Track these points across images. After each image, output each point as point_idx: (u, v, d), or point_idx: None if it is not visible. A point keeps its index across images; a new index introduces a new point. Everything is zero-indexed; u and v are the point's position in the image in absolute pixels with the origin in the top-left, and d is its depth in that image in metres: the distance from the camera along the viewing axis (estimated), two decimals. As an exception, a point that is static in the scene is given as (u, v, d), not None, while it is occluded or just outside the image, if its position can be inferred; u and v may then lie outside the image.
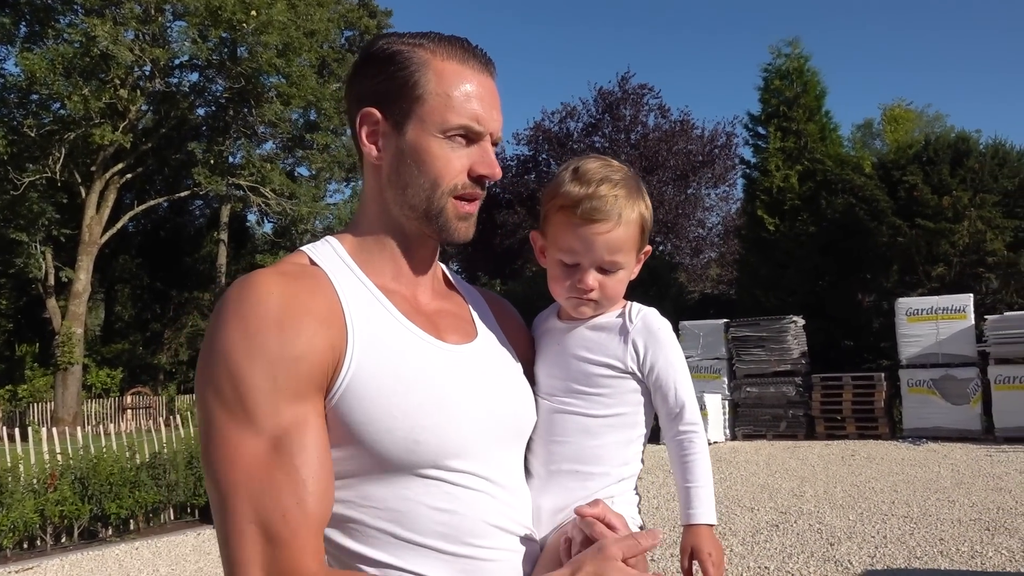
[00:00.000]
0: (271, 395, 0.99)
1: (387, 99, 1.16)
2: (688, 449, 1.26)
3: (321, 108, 27.00)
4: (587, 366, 1.28)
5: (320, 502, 0.99)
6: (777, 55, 17.09)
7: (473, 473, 1.12)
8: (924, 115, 35.76)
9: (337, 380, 1.05)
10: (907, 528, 6.43)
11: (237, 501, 0.96)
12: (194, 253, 35.83)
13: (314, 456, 1.00)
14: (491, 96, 1.18)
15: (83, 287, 24.89)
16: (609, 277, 1.27)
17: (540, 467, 1.25)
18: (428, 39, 1.17)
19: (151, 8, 23.46)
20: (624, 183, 1.28)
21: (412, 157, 1.15)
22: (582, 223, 1.24)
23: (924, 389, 12.21)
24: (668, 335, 1.30)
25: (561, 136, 24.55)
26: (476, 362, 1.19)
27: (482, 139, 1.17)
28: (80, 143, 23.92)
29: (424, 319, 1.18)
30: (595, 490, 1.23)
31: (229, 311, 1.03)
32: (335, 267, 1.15)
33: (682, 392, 1.27)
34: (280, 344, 1.01)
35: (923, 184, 14.90)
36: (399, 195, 1.17)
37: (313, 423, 1.02)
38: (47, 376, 26.81)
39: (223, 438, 0.99)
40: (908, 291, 14.36)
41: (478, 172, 1.16)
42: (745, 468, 10.07)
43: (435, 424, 1.08)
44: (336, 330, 1.07)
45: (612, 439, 1.26)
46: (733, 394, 13.76)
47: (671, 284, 18.77)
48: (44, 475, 7.77)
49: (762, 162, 16.95)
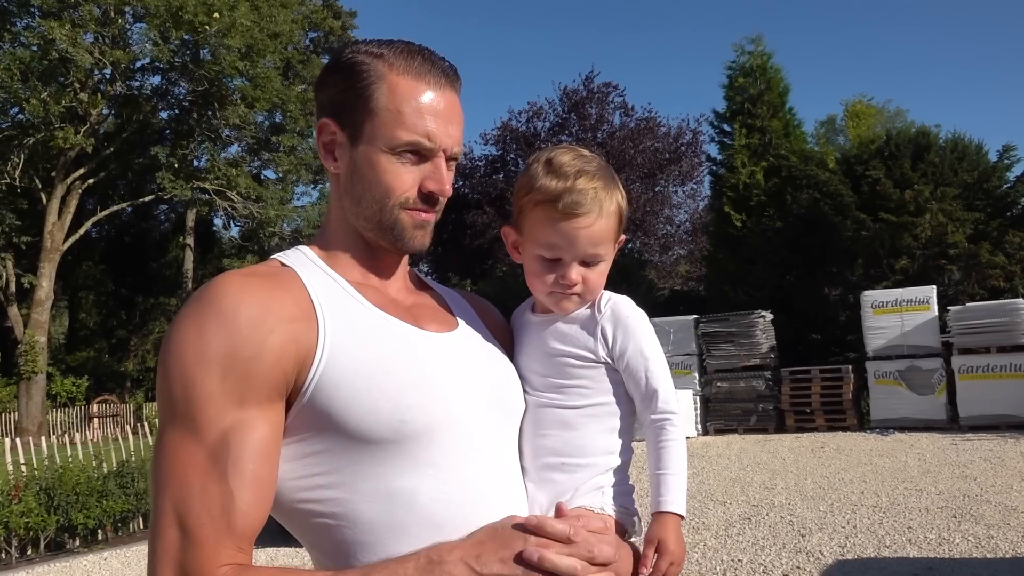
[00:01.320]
0: (218, 399, 0.99)
1: (343, 111, 1.16)
2: (661, 435, 1.25)
3: (286, 110, 26.74)
4: (562, 359, 1.28)
5: (250, 510, 0.98)
6: (741, 53, 17.31)
7: (464, 452, 1.11)
8: (885, 111, 36.33)
9: (309, 372, 1.04)
10: (876, 518, 6.52)
11: (165, 503, 0.97)
12: (160, 258, 35.33)
13: (251, 464, 0.99)
14: (448, 111, 1.16)
15: (46, 294, 24.42)
16: (591, 270, 1.27)
17: (529, 463, 1.25)
18: (391, 50, 1.16)
19: (110, 10, 23.07)
20: (600, 174, 1.27)
21: (364, 170, 1.15)
22: (563, 218, 1.23)
23: (890, 380, 12.41)
24: (638, 322, 1.29)
25: (529, 135, 24.57)
26: (458, 348, 1.19)
27: (434, 156, 1.15)
28: (40, 148, 23.45)
29: (401, 310, 1.18)
30: (583, 481, 1.22)
31: (186, 312, 1.04)
32: (306, 267, 1.16)
33: (653, 379, 1.26)
34: (232, 345, 1.00)
35: (885, 178, 15.17)
36: (354, 206, 1.18)
37: (259, 428, 1.01)
38: (10, 386, 26.24)
39: (165, 441, 1.00)
40: (873, 284, 14.59)
41: (427, 189, 1.15)
42: (717, 462, 10.15)
43: (420, 403, 1.07)
44: (303, 324, 1.06)
45: (593, 429, 1.25)
46: (704, 389, 13.87)
47: (641, 281, 18.90)
48: (8, 487, 7.61)
49: (728, 159, 17.13)
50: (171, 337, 1.03)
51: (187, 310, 1.04)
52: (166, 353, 1.02)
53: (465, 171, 24.53)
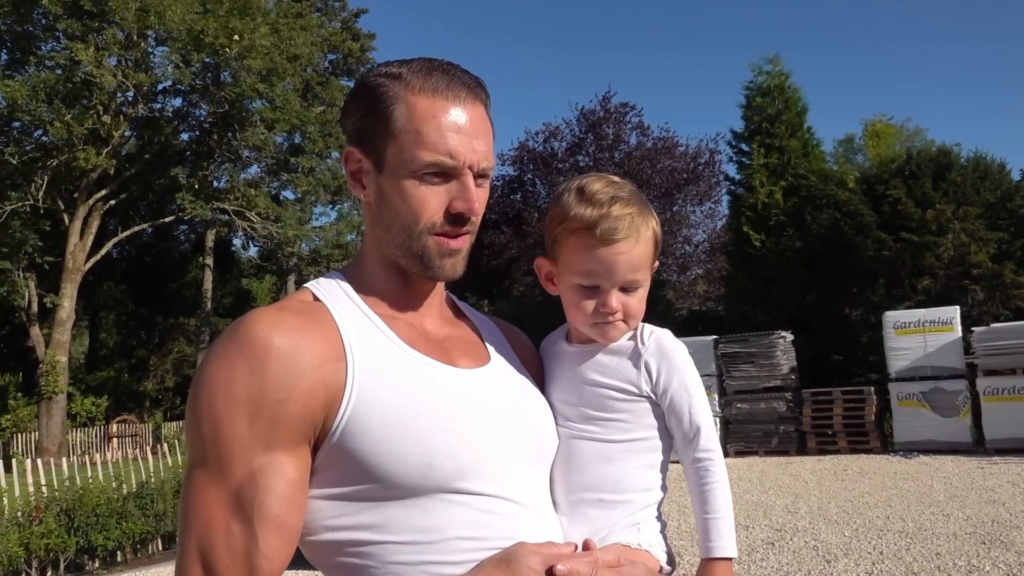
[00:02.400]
0: (245, 441, 0.98)
1: (365, 138, 1.14)
2: (706, 478, 1.22)
3: (305, 131, 27.00)
4: (601, 391, 1.25)
5: (274, 555, 0.98)
6: (758, 72, 17.26)
7: (495, 495, 1.08)
8: (905, 130, 36.14)
9: (337, 414, 1.03)
10: (903, 543, 6.40)
11: (190, 542, 0.98)
12: (179, 278, 35.61)
13: (276, 508, 0.98)
14: (472, 126, 1.12)
15: (67, 314, 24.65)
16: (631, 296, 1.25)
17: (562, 497, 1.22)
18: (409, 68, 1.13)
19: (133, 33, 23.43)
20: (634, 200, 1.26)
21: (390, 197, 1.13)
22: (601, 244, 1.21)
23: (914, 402, 12.23)
24: (682, 357, 1.27)
25: (546, 156, 24.63)
26: (490, 385, 1.17)
27: (460, 173, 1.11)
28: (63, 169, 23.78)
29: (432, 345, 1.16)
30: (619, 518, 1.20)
31: (217, 351, 1.03)
32: (338, 301, 1.14)
33: (696, 416, 1.24)
34: (261, 388, 0.99)
35: (906, 198, 15.04)
36: (385, 234, 1.16)
37: (286, 472, 1.00)
38: (31, 406, 26.44)
39: (192, 481, 1.00)
40: (895, 304, 14.44)
41: (455, 209, 1.12)
42: (738, 485, 10.03)
43: (449, 446, 1.05)
44: (332, 365, 1.04)
45: (633, 464, 1.23)
46: (724, 410, 13.73)
47: (659, 301, 18.82)
48: (29, 507, 7.63)
49: (746, 178, 17.05)
50: (201, 376, 1.02)
51: (218, 348, 1.03)
52: (196, 392, 1.02)
53: (482, 192, 24.56)
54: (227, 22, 23.21)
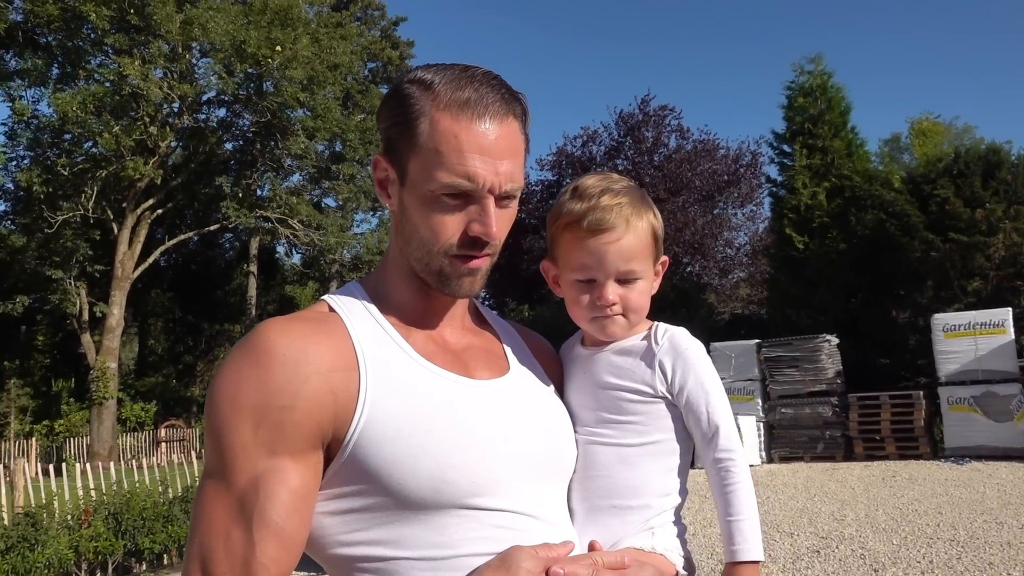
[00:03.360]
0: (250, 448, 0.99)
1: (393, 148, 1.12)
2: (727, 479, 1.18)
3: (346, 139, 27.31)
4: (616, 393, 1.22)
5: (271, 564, 0.97)
6: (800, 72, 17.02)
7: (510, 510, 1.07)
8: (952, 127, 35.32)
9: (349, 427, 1.02)
10: (954, 552, 6.22)
11: (193, 547, 0.99)
12: (224, 286, 36.23)
13: (277, 516, 0.98)
14: (497, 146, 1.07)
15: (116, 322, 25.22)
16: (628, 288, 1.22)
17: (577, 504, 1.20)
18: (443, 78, 1.08)
19: (178, 46, 23.95)
20: (626, 192, 1.24)
21: (411, 212, 1.11)
22: (589, 235, 1.20)
23: (965, 407, 11.93)
24: (698, 355, 1.23)
25: (584, 160, 24.55)
26: (507, 397, 1.15)
27: (481, 197, 1.07)
28: (112, 180, 24.38)
29: (450, 357, 1.14)
30: (634, 524, 1.17)
31: (228, 360, 1.04)
32: (354, 312, 1.13)
33: (715, 414, 1.20)
34: (265, 394, 0.99)
35: (955, 197, 14.69)
36: (406, 246, 1.15)
37: (290, 479, 0.99)
38: (83, 411, 27.11)
39: (202, 487, 1.02)
40: (944, 307, 14.11)
41: (472, 232, 1.09)
42: (783, 491, 9.87)
43: (462, 462, 1.04)
44: (342, 375, 1.04)
45: (650, 468, 1.20)
46: (768, 416, 13.53)
47: (700, 305, 18.63)
48: (78, 511, 7.80)
49: (789, 180, 16.81)
50: (213, 384, 1.03)
51: (229, 357, 1.04)
52: (208, 399, 1.03)
53: (522, 197, 24.28)
54: (269, 33, 23.60)
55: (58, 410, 28.50)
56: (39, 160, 24.18)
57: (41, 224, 24.04)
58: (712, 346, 14.04)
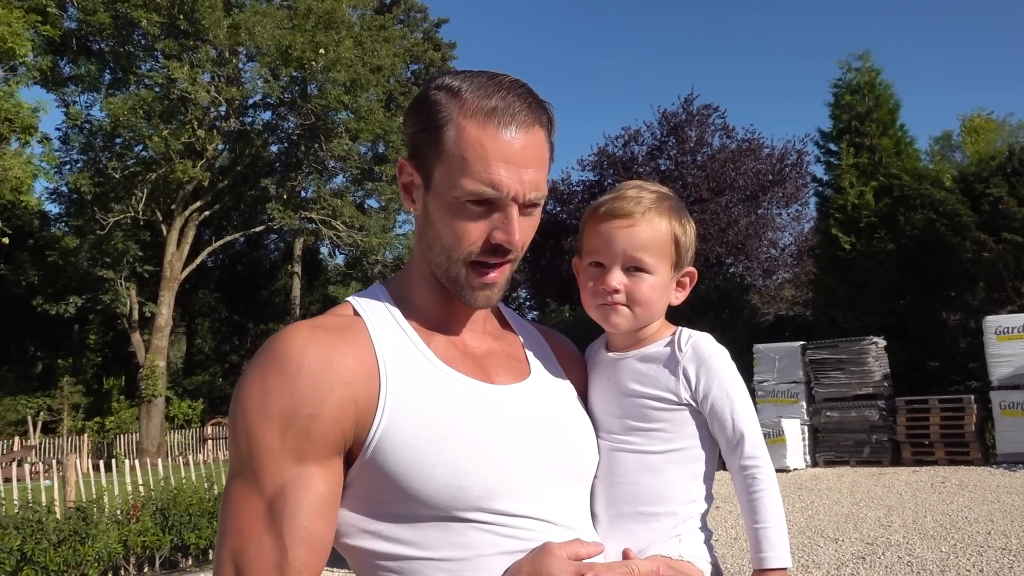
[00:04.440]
0: (277, 454, 1.01)
1: (418, 154, 1.13)
2: (753, 486, 1.17)
3: (389, 141, 27.56)
4: (640, 400, 1.22)
5: (302, 567, 1.00)
6: (847, 70, 16.70)
7: (527, 515, 1.08)
8: (1006, 124, 34.37)
9: (369, 431, 1.04)
10: (1006, 562, 6.06)
11: (225, 551, 1.01)
12: (270, 286, 36.81)
13: (306, 520, 1.00)
14: (524, 154, 1.08)
15: (165, 321, 25.79)
16: (635, 280, 1.22)
17: (602, 511, 1.20)
18: (470, 85, 1.09)
19: (225, 51, 24.40)
20: (657, 195, 1.25)
21: (434, 218, 1.12)
22: (604, 219, 1.23)
23: (1018, 411, 11.60)
24: (722, 361, 1.22)
25: (626, 160, 24.42)
26: (527, 402, 1.15)
27: (505, 205, 1.08)
28: (161, 182, 24.93)
29: (471, 362, 1.15)
30: (661, 531, 1.16)
31: (254, 366, 1.06)
32: (377, 317, 1.14)
33: (740, 421, 1.19)
34: (292, 402, 1.02)
35: (1008, 196, 14.30)
36: (428, 251, 1.16)
37: (317, 484, 1.02)
38: (132, 408, 27.78)
39: (230, 492, 1.04)
40: (996, 308, 13.74)
41: (495, 240, 1.09)
42: (828, 496, 9.70)
43: (479, 468, 1.05)
44: (364, 382, 1.06)
45: (675, 475, 1.19)
46: (812, 419, 13.32)
47: (743, 306, 18.38)
48: (127, 506, 7.99)
49: (835, 179, 16.51)
50: (239, 389, 1.05)
51: (255, 363, 1.06)
52: (234, 405, 1.05)
53: (563, 197, 24.60)
54: (313, 36, 23.93)
55: (109, 407, 29.24)
56: (91, 163, 24.86)
57: (93, 226, 24.70)
58: (756, 348, 13.87)
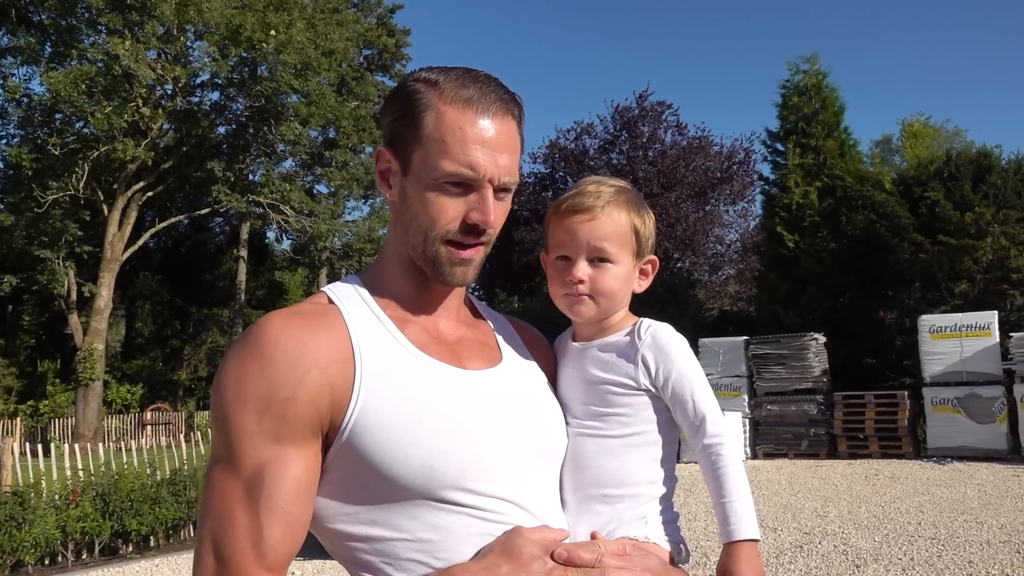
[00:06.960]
0: (255, 436, 1.04)
1: (397, 140, 1.18)
2: (718, 463, 1.22)
3: (339, 126, 27.23)
4: (602, 386, 1.27)
5: (278, 545, 1.03)
6: (795, 71, 17.05)
7: (499, 497, 1.11)
8: (944, 130, 35.53)
9: (344, 415, 1.07)
10: (935, 550, 6.31)
11: (204, 532, 1.04)
12: (214, 270, 36.12)
13: (282, 500, 1.04)
14: (498, 140, 1.14)
15: (105, 303, 25.10)
16: (600, 271, 1.27)
17: (569, 494, 1.24)
18: (447, 77, 1.15)
19: (173, 28, 23.78)
20: (616, 189, 1.31)
21: (412, 200, 1.16)
22: (567, 215, 1.28)
23: (948, 408, 12.05)
24: (679, 348, 1.27)
25: (577, 153, 24.56)
26: (499, 386, 1.19)
27: (480, 186, 1.14)
28: (103, 161, 24.22)
29: (444, 348, 1.19)
30: (626, 512, 1.21)
31: (232, 352, 1.10)
32: (352, 304, 1.18)
33: (700, 404, 1.24)
34: (269, 386, 1.05)
35: (945, 200, 14.78)
36: (404, 235, 1.19)
37: (293, 466, 1.05)
38: (68, 392, 27.01)
39: (210, 474, 1.07)
40: (931, 308, 14.21)
41: (471, 220, 1.14)
42: (767, 487, 9.96)
43: (452, 449, 1.09)
44: (339, 367, 1.09)
45: (635, 459, 1.24)
46: (754, 412, 13.63)
47: (689, 301, 18.69)
48: (66, 491, 7.80)
49: (781, 178, 16.87)
50: (219, 375, 1.09)
51: (234, 349, 1.10)
52: (214, 390, 1.09)
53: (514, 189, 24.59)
54: (264, 17, 23.47)
55: (43, 391, 28.37)
56: (29, 138, 24.02)
57: (30, 203, 23.87)
58: (700, 342, 14.11)
